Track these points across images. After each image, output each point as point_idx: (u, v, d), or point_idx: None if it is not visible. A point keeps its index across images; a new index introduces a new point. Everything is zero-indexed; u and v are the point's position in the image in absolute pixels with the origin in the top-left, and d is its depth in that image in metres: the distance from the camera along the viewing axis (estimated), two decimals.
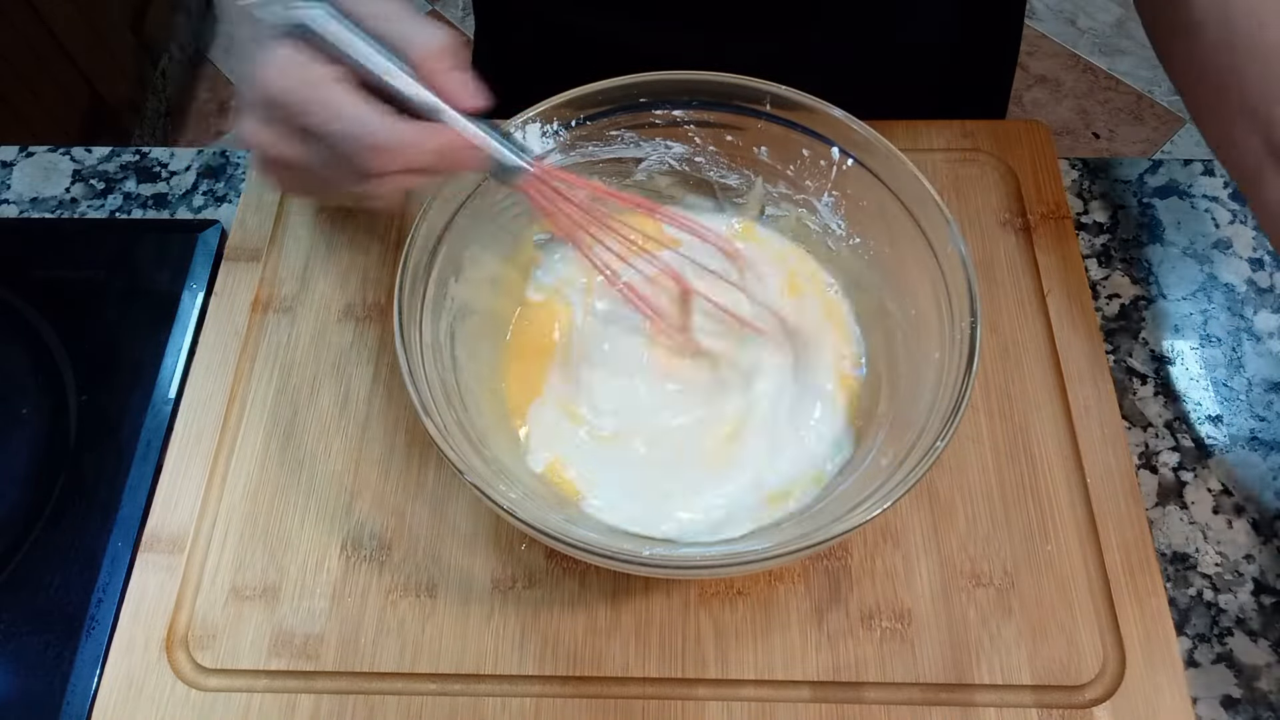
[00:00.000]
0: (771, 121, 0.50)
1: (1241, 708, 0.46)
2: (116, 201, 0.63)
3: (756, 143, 0.52)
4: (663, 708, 0.45)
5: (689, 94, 0.50)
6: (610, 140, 0.52)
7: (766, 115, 0.50)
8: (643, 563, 0.39)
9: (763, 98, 0.49)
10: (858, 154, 0.49)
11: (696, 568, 0.43)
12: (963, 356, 0.42)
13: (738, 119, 0.51)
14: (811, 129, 0.49)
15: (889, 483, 0.41)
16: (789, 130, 0.50)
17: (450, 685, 0.46)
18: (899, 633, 0.46)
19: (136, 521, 0.50)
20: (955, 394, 0.41)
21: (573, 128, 0.50)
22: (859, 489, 0.43)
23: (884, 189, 0.48)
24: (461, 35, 1.88)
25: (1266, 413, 0.54)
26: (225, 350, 0.55)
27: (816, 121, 0.49)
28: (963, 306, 0.43)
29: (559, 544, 0.39)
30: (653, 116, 0.51)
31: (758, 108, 0.50)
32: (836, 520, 0.40)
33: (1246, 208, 0.61)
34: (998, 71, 0.74)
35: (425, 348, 0.44)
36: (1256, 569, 0.49)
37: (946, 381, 0.43)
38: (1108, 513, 0.49)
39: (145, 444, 0.52)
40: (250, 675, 0.46)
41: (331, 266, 0.57)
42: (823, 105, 0.48)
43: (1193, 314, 0.57)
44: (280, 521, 0.50)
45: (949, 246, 0.44)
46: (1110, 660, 0.45)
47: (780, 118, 0.50)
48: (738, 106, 0.50)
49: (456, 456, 0.40)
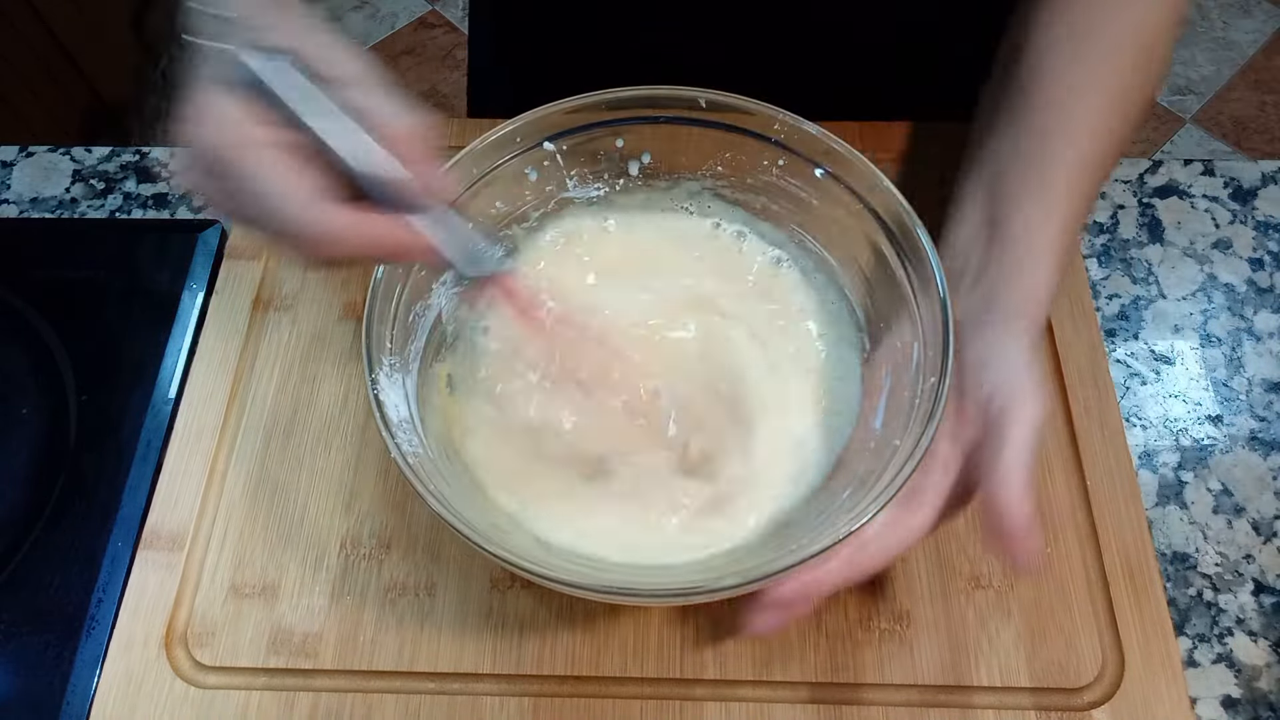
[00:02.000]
0: (743, 135, 0.49)
1: (1241, 708, 0.46)
2: (116, 201, 0.63)
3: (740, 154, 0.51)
4: (661, 708, 0.45)
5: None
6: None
7: (711, 122, 0.49)
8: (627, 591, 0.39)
9: (696, 103, 0.48)
10: (834, 169, 0.48)
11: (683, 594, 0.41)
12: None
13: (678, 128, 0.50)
14: (788, 145, 0.49)
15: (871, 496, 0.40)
16: (764, 144, 0.49)
17: (449, 684, 0.46)
18: (897, 634, 0.46)
19: (136, 520, 0.50)
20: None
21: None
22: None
23: (862, 207, 0.47)
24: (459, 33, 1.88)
25: (1266, 413, 0.53)
26: (225, 350, 0.55)
27: (792, 137, 0.48)
28: (936, 357, 0.42)
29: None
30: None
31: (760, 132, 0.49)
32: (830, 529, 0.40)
33: (1246, 208, 0.61)
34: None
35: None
36: (1256, 569, 0.49)
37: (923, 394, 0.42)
38: (1108, 513, 0.48)
39: (145, 444, 0.52)
40: (249, 673, 0.46)
41: None
42: (774, 110, 0.48)
43: (1193, 314, 0.57)
44: (280, 520, 0.50)
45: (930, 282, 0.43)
46: (1109, 662, 0.45)
47: (723, 123, 0.49)
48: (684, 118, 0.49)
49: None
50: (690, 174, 0.52)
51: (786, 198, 0.51)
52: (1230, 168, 0.62)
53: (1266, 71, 1.76)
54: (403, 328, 0.46)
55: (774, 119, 0.48)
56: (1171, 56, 0.50)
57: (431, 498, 0.38)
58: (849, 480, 0.44)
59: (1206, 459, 0.52)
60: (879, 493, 0.38)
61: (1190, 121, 1.70)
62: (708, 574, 0.43)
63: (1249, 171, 0.62)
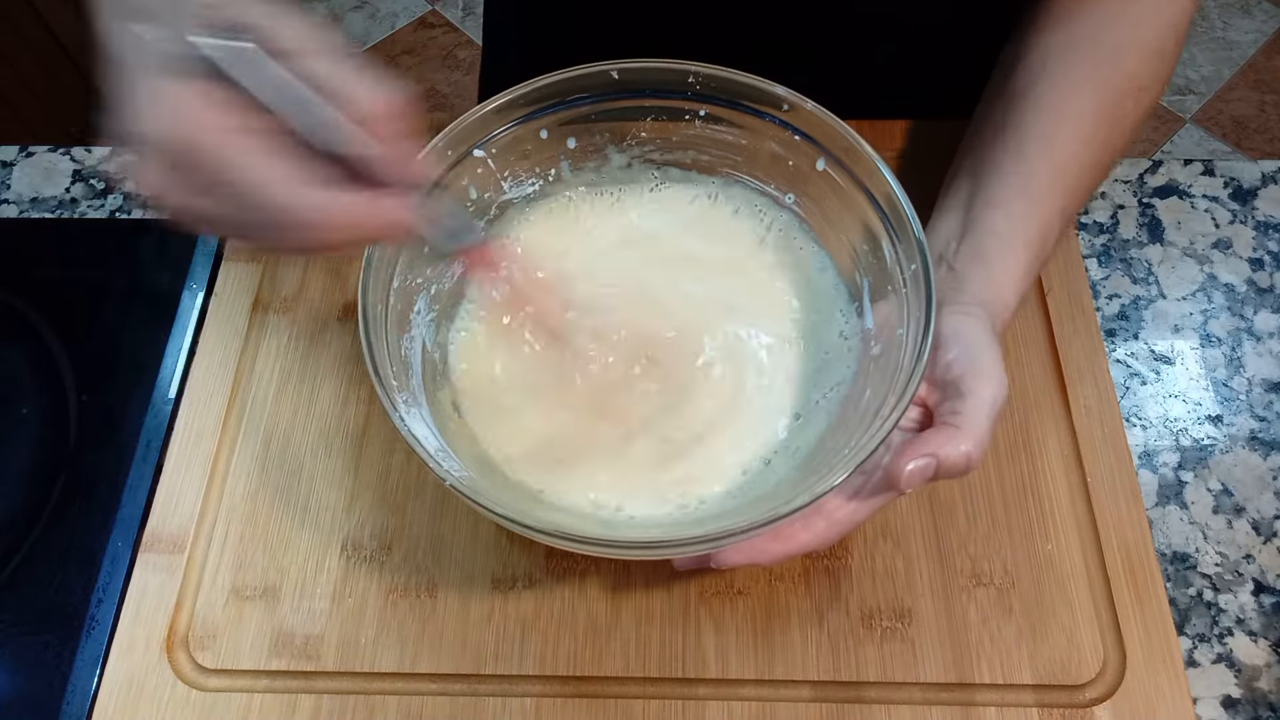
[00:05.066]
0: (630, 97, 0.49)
1: (1241, 708, 0.46)
2: (116, 201, 0.63)
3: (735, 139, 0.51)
4: (663, 707, 0.45)
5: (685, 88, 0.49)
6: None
7: (756, 111, 0.48)
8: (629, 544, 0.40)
9: (778, 100, 0.48)
10: (839, 156, 0.47)
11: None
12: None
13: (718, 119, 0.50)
14: (796, 126, 0.48)
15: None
16: (772, 125, 0.49)
17: (450, 685, 0.45)
18: (899, 632, 0.46)
19: (136, 521, 0.50)
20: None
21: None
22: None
23: (864, 197, 0.47)
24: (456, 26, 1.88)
25: (1266, 413, 0.54)
26: (225, 350, 0.55)
27: (799, 120, 0.48)
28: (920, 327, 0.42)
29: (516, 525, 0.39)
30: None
31: (762, 108, 0.48)
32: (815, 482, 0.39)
33: (1246, 208, 0.61)
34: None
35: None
36: (1256, 569, 0.49)
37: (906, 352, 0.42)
38: (1108, 513, 0.49)
39: (145, 444, 0.52)
40: (251, 675, 0.46)
41: (331, 266, 0.57)
42: (810, 104, 0.47)
43: (1193, 314, 0.57)
44: (281, 521, 0.50)
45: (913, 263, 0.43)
46: (1111, 660, 0.45)
47: (773, 115, 0.48)
48: (744, 106, 0.49)
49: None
50: (616, 148, 0.52)
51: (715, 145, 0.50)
52: (1230, 168, 0.62)
53: (1266, 71, 1.76)
54: (400, 364, 0.45)
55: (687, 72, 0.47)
56: (1182, 47, 0.51)
57: (496, 514, 0.38)
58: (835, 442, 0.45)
59: (1206, 459, 0.52)
60: (845, 459, 0.39)
61: (1190, 121, 1.70)
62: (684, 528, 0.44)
63: (1249, 171, 0.62)
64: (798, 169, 0.49)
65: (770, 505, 0.39)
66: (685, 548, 0.39)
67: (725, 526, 0.38)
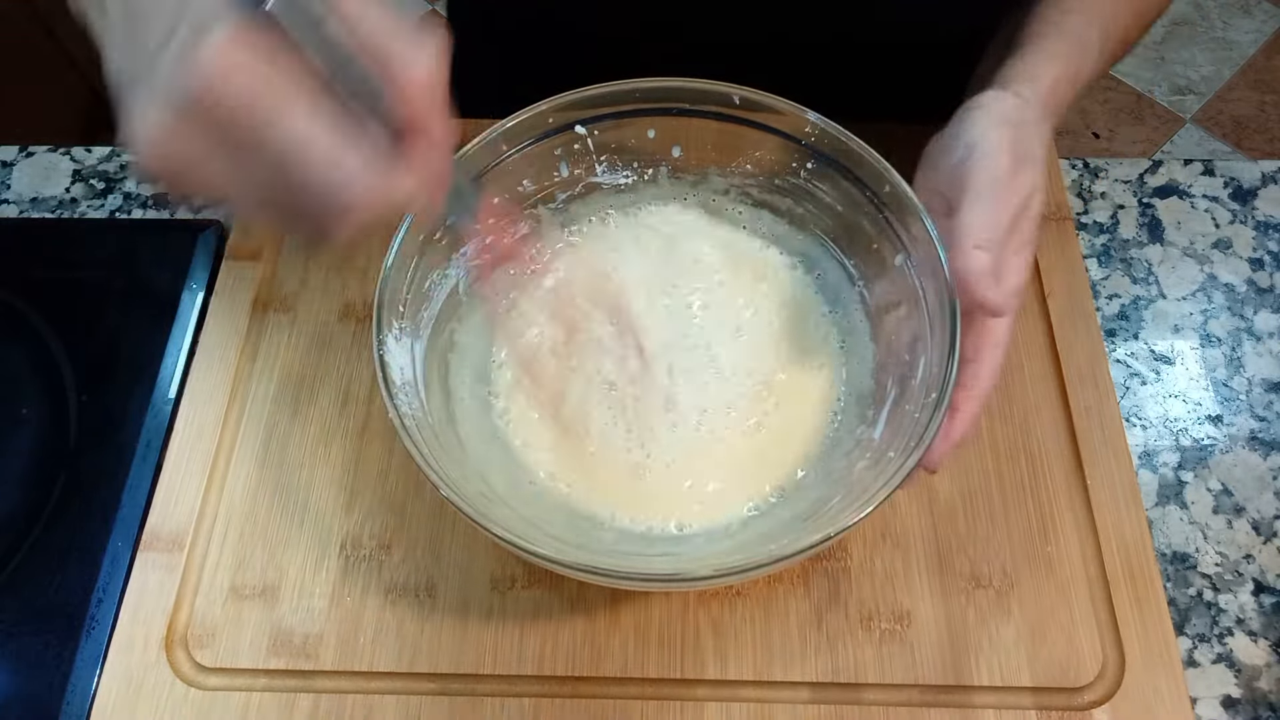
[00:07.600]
0: (747, 125, 0.49)
1: (1241, 708, 0.46)
2: (116, 201, 0.63)
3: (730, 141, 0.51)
4: (661, 708, 0.45)
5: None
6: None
7: (743, 120, 0.49)
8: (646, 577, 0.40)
9: (730, 100, 0.48)
10: (839, 158, 0.48)
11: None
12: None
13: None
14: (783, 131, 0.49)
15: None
16: (766, 133, 0.49)
17: (449, 685, 0.46)
18: (898, 634, 0.46)
19: (136, 521, 0.50)
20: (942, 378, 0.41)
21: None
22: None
23: (868, 200, 0.47)
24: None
25: (1266, 413, 0.53)
26: (225, 350, 0.55)
27: (789, 125, 0.48)
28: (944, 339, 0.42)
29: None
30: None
31: (729, 111, 0.49)
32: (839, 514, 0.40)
33: (1246, 208, 0.61)
34: None
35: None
36: (1256, 569, 0.49)
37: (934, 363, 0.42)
38: (1108, 513, 0.48)
39: (145, 444, 0.52)
40: (249, 674, 0.46)
41: (332, 266, 0.57)
42: (804, 111, 0.47)
43: (1193, 314, 0.57)
44: (280, 521, 0.50)
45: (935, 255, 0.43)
46: (1110, 661, 0.45)
47: (756, 122, 0.49)
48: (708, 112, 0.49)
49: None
50: (718, 170, 0.52)
51: (813, 201, 0.51)
52: (1230, 168, 0.62)
53: (1266, 71, 1.76)
54: (417, 294, 0.46)
55: (805, 120, 0.47)
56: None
57: (422, 461, 0.39)
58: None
59: (1206, 459, 0.52)
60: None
61: (1190, 121, 1.70)
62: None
63: (1249, 171, 0.62)
64: (880, 255, 0.48)
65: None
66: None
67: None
